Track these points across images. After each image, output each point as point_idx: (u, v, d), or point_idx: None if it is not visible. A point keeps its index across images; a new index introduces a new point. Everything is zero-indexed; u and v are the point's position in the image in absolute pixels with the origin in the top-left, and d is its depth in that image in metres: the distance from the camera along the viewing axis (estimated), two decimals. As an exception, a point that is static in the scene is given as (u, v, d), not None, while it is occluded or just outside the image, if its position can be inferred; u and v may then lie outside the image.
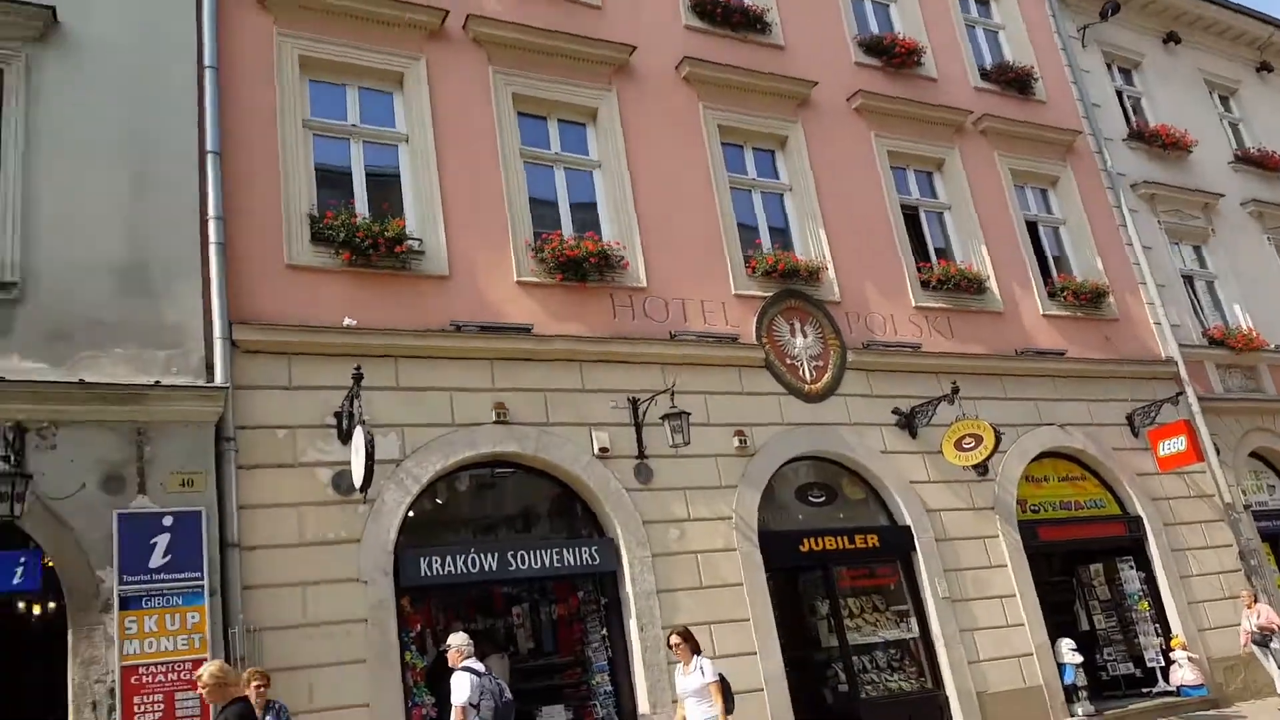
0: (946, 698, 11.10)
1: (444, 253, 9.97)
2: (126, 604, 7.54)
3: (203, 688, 5.93)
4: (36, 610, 10.19)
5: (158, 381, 8.05)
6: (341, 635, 8.33)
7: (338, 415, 8.82)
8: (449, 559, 9.13)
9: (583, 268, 10.57)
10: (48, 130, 8.45)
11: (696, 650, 8.15)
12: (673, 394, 10.04)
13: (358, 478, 8.06)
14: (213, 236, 8.70)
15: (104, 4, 9.03)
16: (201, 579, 7.78)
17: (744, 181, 12.61)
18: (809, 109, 13.26)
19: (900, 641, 11.50)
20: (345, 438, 8.77)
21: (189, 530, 7.84)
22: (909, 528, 11.59)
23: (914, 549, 11.54)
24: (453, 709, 7.40)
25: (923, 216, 14.01)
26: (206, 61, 9.29)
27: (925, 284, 13.19)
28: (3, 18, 8.51)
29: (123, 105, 8.79)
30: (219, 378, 8.36)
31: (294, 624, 8.18)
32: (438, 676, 9.20)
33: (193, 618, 7.69)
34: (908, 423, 12.06)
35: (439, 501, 9.62)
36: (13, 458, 7.21)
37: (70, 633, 7.38)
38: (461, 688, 7.34)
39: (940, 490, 12.00)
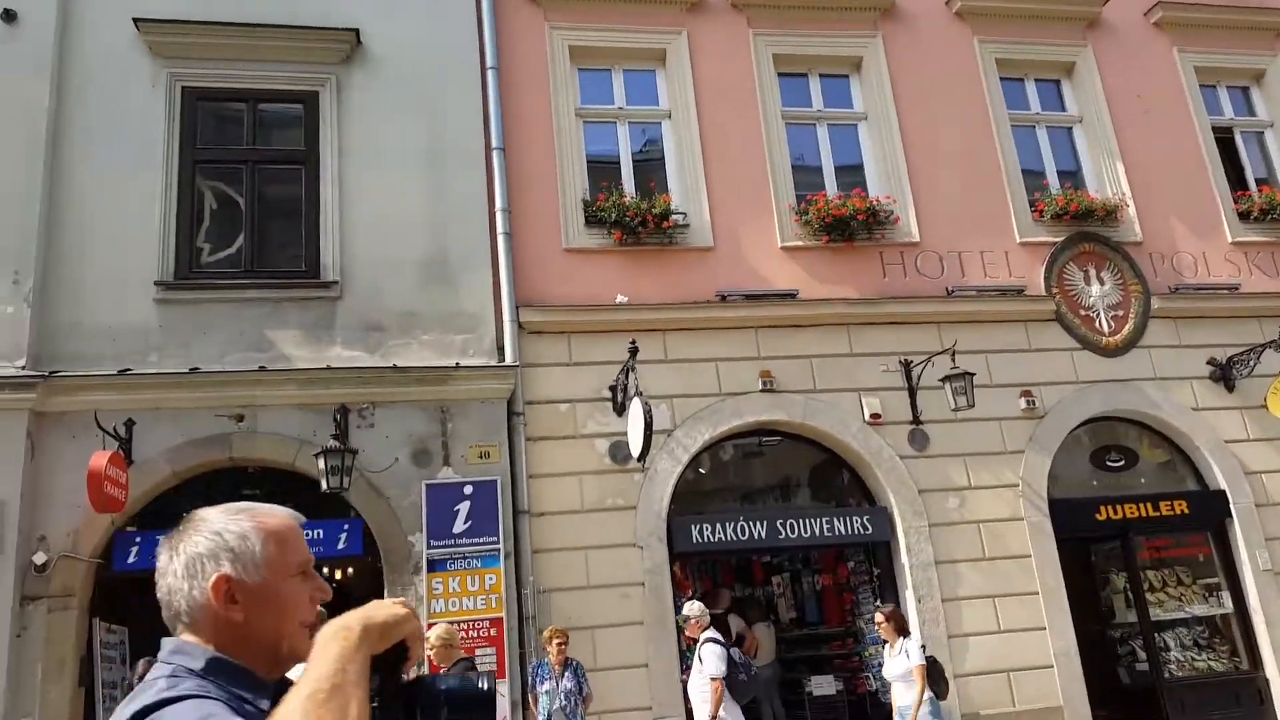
0: (1266, 680, 9.80)
1: (708, 224, 10.00)
2: (433, 566, 8.39)
3: (430, 649, 6.09)
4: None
5: (458, 364, 8.81)
6: (620, 598, 8.77)
7: (612, 389, 9.19)
8: (719, 526, 9.29)
9: (850, 227, 10.18)
10: (357, 142, 9.39)
11: (903, 631, 7.77)
12: (953, 354, 9.46)
13: (636, 447, 8.36)
14: (500, 227, 9.32)
15: (397, 22, 9.84)
16: (498, 543, 8.48)
17: (1026, 118, 11.52)
18: (1099, 30, 11.81)
19: (1210, 618, 10.30)
20: (620, 410, 9.14)
21: (486, 498, 8.56)
22: (1223, 492, 10.24)
23: (1229, 516, 10.19)
24: (709, 683, 7.48)
25: (1238, 139, 12.11)
26: (488, 63, 9.90)
27: (1243, 216, 11.42)
28: (316, 44, 9.52)
29: (418, 113, 9.57)
30: (509, 357, 9.00)
31: (578, 586, 8.71)
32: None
33: (490, 579, 8.41)
34: (1224, 375, 10.58)
35: (707, 470, 9.79)
36: (341, 436, 8.18)
37: (386, 592, 8.33)
38: (712, 660, 7.43)
39: (1262, 450, 10.46)
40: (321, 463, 7.80)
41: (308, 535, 5.98)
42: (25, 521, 7.65)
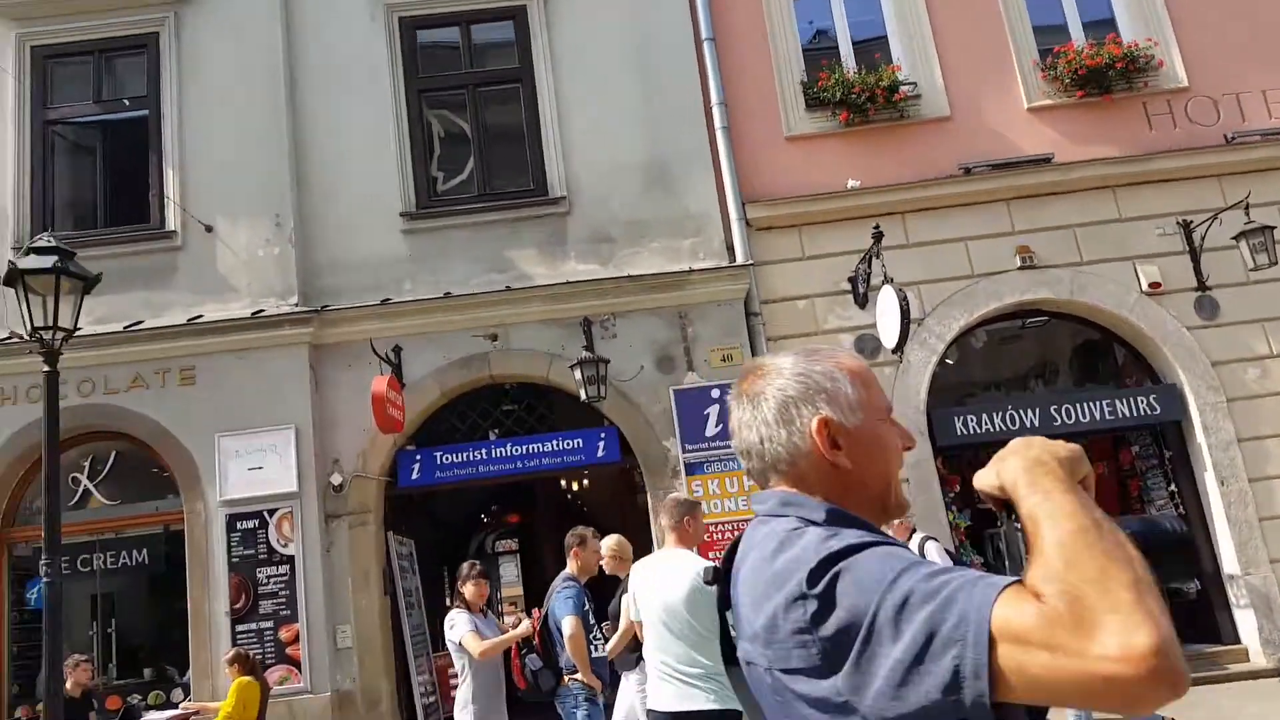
0: None
1: (942, 92, 9.11)
2: (691, 470, 8.32)
3: (609, 559, 5.91)
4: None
5: (690, 268, 8.57)
6: (883, 493, 8.38)
7: (852, 280, 8.67)
8: (984, 417, 8.66)
9: (1106, 77, 8.98)
10: (568, 52, 9.17)
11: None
12: (1246, 207, 8.21)
13: (890, 338, 7.86)
14: (718, 122, 8.90)
15: (596, -80, 9.45)
16: (751, 444, 8.29)
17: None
18: None
19: None
20: (862, 302, 8.62)
21: (734, 401, 8.35)
22: None
23: None
24: None
25: None
26: (689, -51, 9.35)
27: None
28: (520, -42, 9.32)
29: (625, 12, 9.21)
30: (739, 256, 8.66)
31: (836, 482, 8.41)
32: (976, 536, 8.98)
33: (748, 481, 8.25)
34: None
35: (963, 358, 9.11)
36: (589, 348, 8.18)
37: (649, 497, 8.36)
38: (938, 558, 6.91)
39: None
40: (578, 374, 7.84)
41: (568, 445, 5.97)
42: (319, 446, 8.21)
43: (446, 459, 8.53)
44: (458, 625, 5.19)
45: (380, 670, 7.99)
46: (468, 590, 5.33)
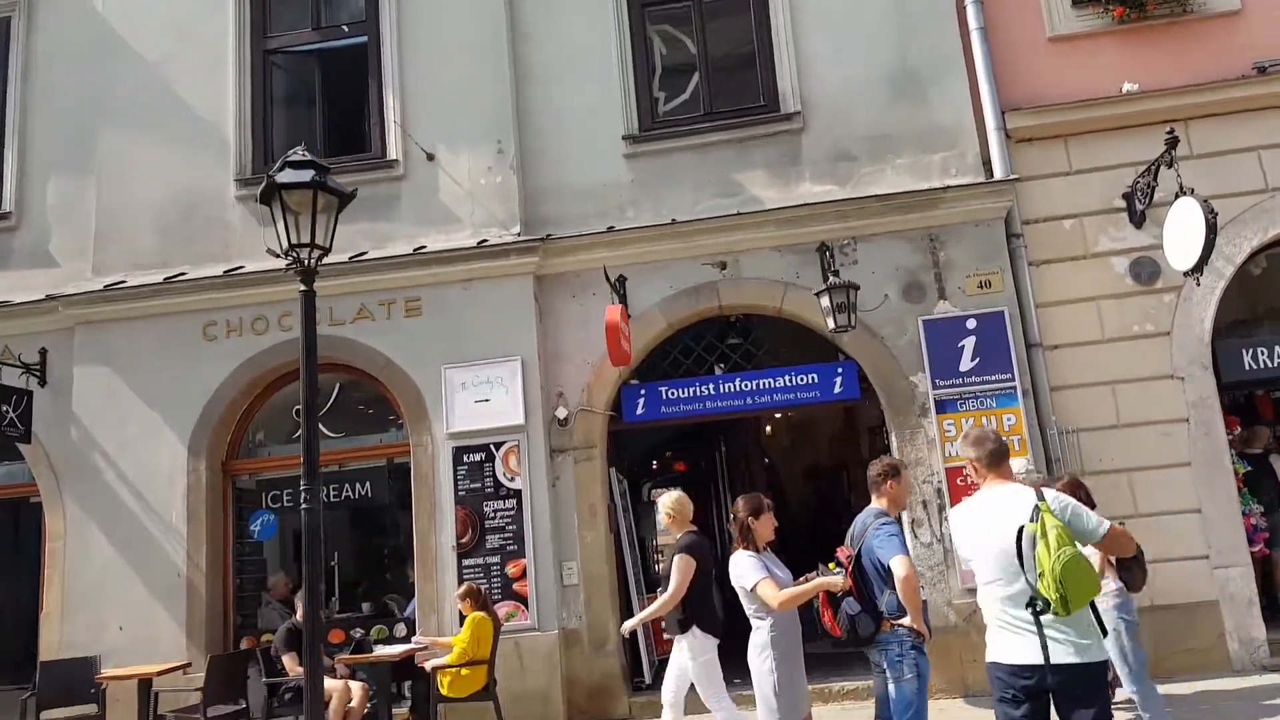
0: None
1: (1232, -19, 7.82)
2: (941, 408, 7.47)
3: (665, 517, 5.67)
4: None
5: (945, 185, 7.65)
6: (1160, 436, 7.35)
7: (1128, 195, 7.56)
8: (1277, 349, 7.48)
9: None
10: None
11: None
12: None
13: (1185, 258, 6.74)
14: (972, 22, 7.87)
15: None
16: (1012, 380, 7.36)
17: None
18: None
19: None
20: (1139, 220, 7.52)
21: (993, 332, 7.44)
22: None
23: None
24: None
25: None
26: None
27: None
28: None
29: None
30: (998, 171, 7.68)
31: (1106, 425, 7.41)
32: (1254, 484, 7.81)
33: (1009, 419, 7.35)
34: None
35: (1254, 282, 7.88)
36: (830, 274, 7.42)
37: (894, 436, 7.56)
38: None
39: None
40: (824, 301, 7.09)
41: (802, 380, 5.26)
42: (543, 379, 7.78)
43: (671, 394, 7.95)
44: (746, 570, 4.57)
45: (607, 609, 7.55)
46: (760, 526, 4.71)
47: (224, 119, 8.61)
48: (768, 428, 13.20)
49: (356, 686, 6.82)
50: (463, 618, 6.89)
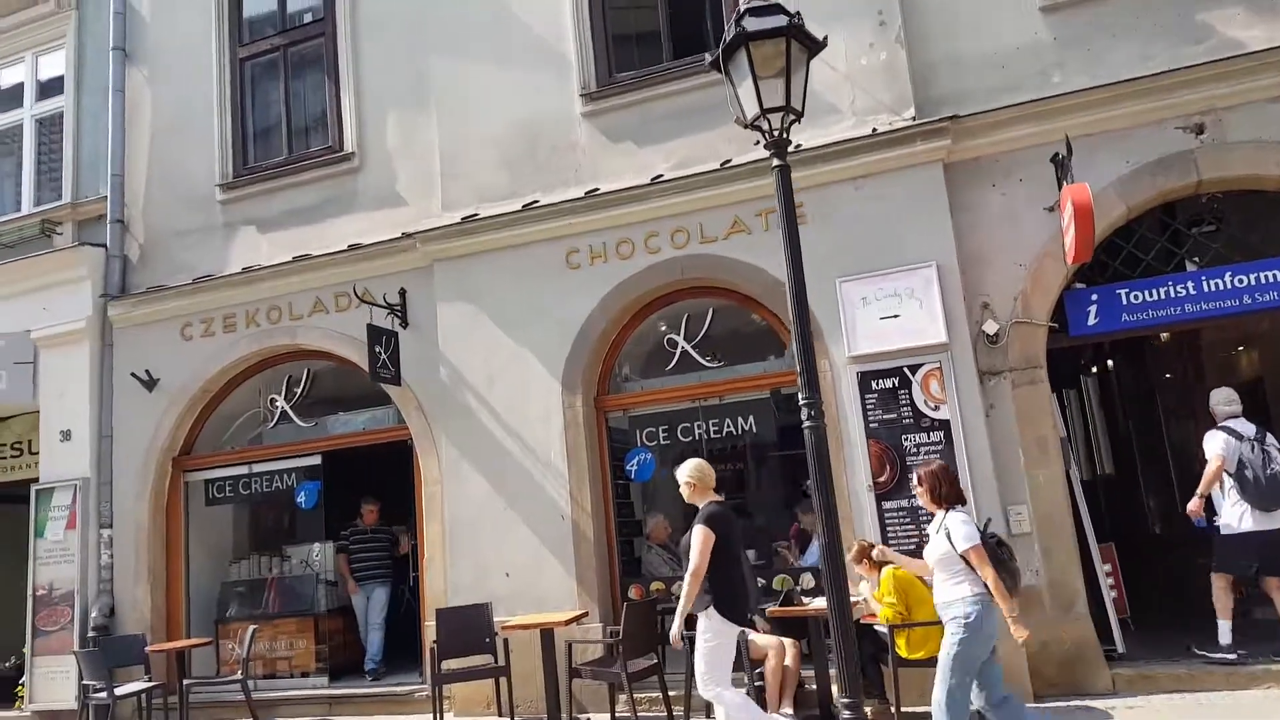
0: None
1: None
2: None
3: (686, 486, 5.08)
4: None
5: None
6: None
7: None
8: None
9: None
10: None
11: (951, 500, 4.55)
12: None
13: None
14: None
15: None
16: None
17: None
18: None
19: None
20: None
21: None
22: None
23: None
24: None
25: None
26: None
27: None
28: None
29: None
30: None
31: None
32: None
33: None
34: None
35: None
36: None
37: None
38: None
39: None
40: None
41: None
42: (964, 288, 6.35)
43: (1135, 298, 6.28)
44: None
45: (1071, 562, 6.09)
46: None
47: (562, 33, 7.68)
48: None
49: (789, 644, 5.82)
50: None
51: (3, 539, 10.26)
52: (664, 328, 7.44)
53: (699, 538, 4.76)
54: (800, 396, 4.38)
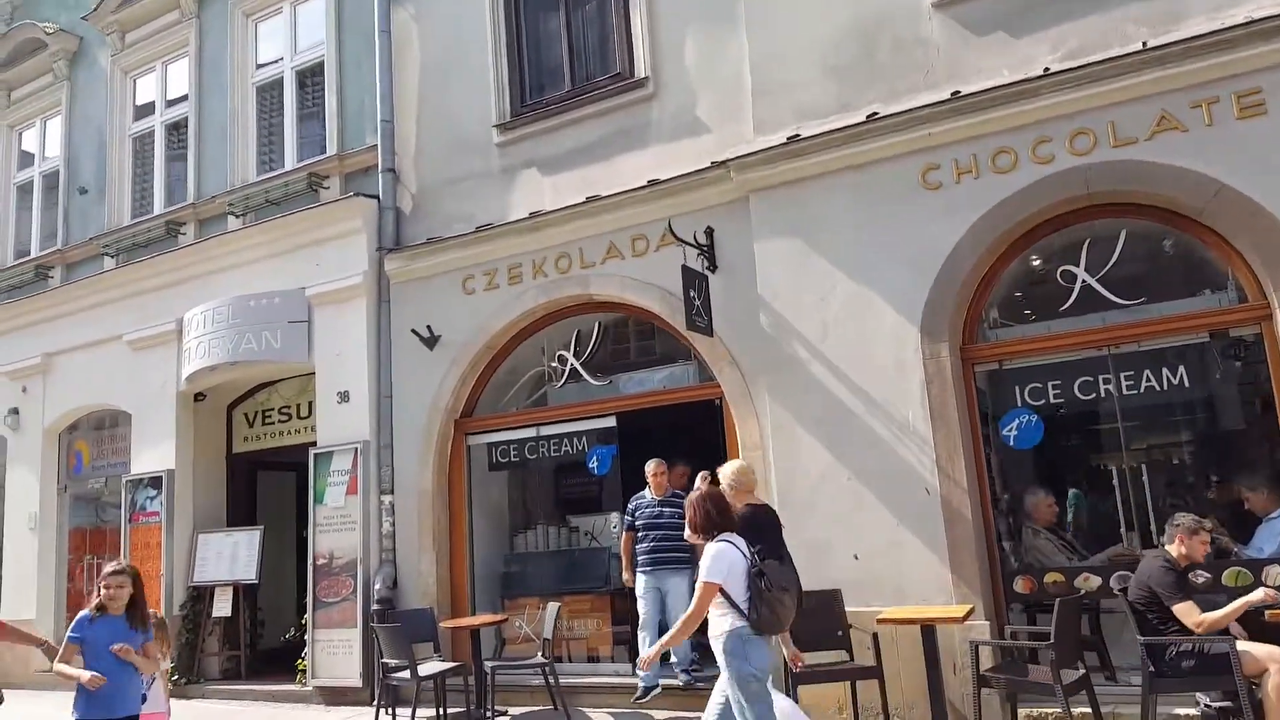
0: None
1: None
2: None
3: (728, 489, 4.75)
4: None
5: None
6: None
7: None
8: None
9: None
10: None
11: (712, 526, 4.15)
12: None
13: None
14: None
15: None
16: None
17: None
18: None
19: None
20: None
21: None
22: None
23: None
24: None
25: None
26: None
27: None
28: None
29: None
30: None
31: None
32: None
33: None
34: None
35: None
36: None
37: None
38: None
39: None
40: None
41: None
42: None
43: None
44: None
45: None
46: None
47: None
48: None
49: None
50: None
51: (272, 507, 10.01)
52: (1038, 261, 5.95)
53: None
54: None
